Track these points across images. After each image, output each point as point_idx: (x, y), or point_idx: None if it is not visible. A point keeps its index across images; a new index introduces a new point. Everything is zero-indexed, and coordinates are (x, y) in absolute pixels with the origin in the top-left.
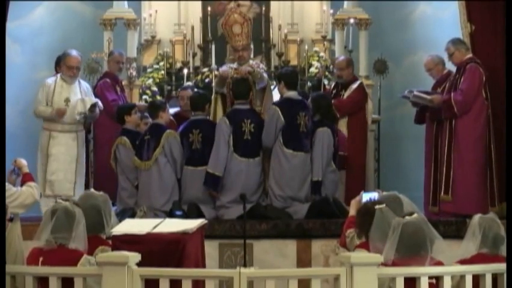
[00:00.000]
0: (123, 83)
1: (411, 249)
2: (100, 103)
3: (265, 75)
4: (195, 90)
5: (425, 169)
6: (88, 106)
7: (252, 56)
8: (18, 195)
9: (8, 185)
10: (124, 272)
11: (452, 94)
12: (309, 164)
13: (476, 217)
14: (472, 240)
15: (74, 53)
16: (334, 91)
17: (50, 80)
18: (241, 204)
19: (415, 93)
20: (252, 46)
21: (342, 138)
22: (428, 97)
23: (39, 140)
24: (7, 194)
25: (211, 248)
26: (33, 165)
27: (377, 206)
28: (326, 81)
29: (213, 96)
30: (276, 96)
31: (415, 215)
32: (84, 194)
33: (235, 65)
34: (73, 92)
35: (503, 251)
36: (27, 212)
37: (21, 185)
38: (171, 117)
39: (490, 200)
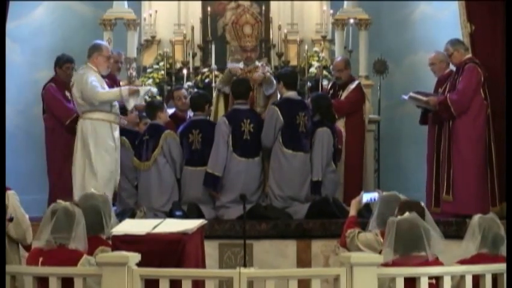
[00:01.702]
0: (122, 83)
1: (409, 246)
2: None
3: (273, 79)
4: (195, 90)
5: (427, 170)
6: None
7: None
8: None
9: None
10: (124, 272)
11: (448, 94)
12: (309, 164)
13: (476, 217)
14: (472, 241)
15: (104, 42)
16: (331, 91)
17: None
18: (241, 205)
19: (411, 94)
20: (258, 47)
21: (338, 133)
22: (424, 98)
23: (95, 132)
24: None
25: (211, 248)
26: (33, 164)
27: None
28: (325, 82)
29: (214, 94)
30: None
31: (407, 213)
32: (84, 194)
33: (241, 65)
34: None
35: (503, 251)
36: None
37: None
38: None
39: (490, 199)
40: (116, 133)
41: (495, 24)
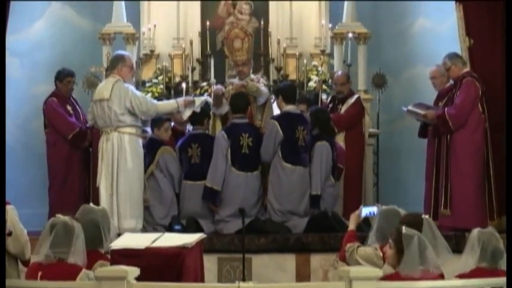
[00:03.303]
0: None
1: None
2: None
3: (264, 89)
4: None
5: (426, 183)
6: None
7: (251, 71)
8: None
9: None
10: (122, 287)
11: (446, 108)
12: (308, 178)
13: (475, 231)
14: (471, 255)
15: (126, 53)
16: (331, 105)
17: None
18: (240, 219)
19: (409, 108)
20: (252, 61)
21: (340, 151)
22: (422, 112)
23: (136, 147)
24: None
25: (210, 262)
26: (33, 178)
27: (423, 216)
28: (324, 96)
29: (211, 112)
30: (275, 110)
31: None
32: (83, 208)
33: (236, 80)
34: None
35: (502, 265)
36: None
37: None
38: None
39: (488, 213)
40: None
41: (494, 38)
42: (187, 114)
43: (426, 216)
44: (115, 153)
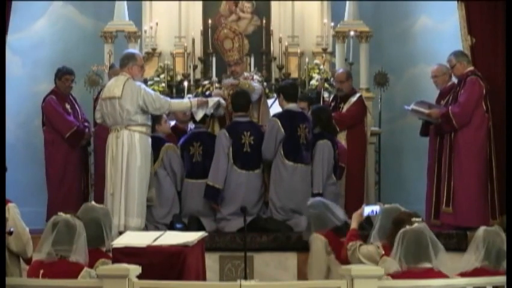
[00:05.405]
0: None
1: (414, 257)
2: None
3: (256, 85)
4: None
5: (428, 182)
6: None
7: (251, 69)
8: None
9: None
10: (124, 285)
11: (450, 107)
12: (310, 176)
13: (481, 230)
14: (475, 254)
15: (137, 51)
16: (333, 103)
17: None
18: (241, 217)
19: (413, 107)
20: (244, 59)
21: (342, 150)
22: (426, 111)
23: (147, 145)
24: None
25: (211, 260)
26: (33, 176)
27: (413, 219)
28: (326, 94)
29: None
30: (277, 108)
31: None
32: (84, 206)
33: (230, 80)
34: None
35: (504, 265)
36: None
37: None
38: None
39: (490, 212)
40: None
41: (496, 37)
42: (199, 115)
43: (418, 219)
44: (124, 151)
